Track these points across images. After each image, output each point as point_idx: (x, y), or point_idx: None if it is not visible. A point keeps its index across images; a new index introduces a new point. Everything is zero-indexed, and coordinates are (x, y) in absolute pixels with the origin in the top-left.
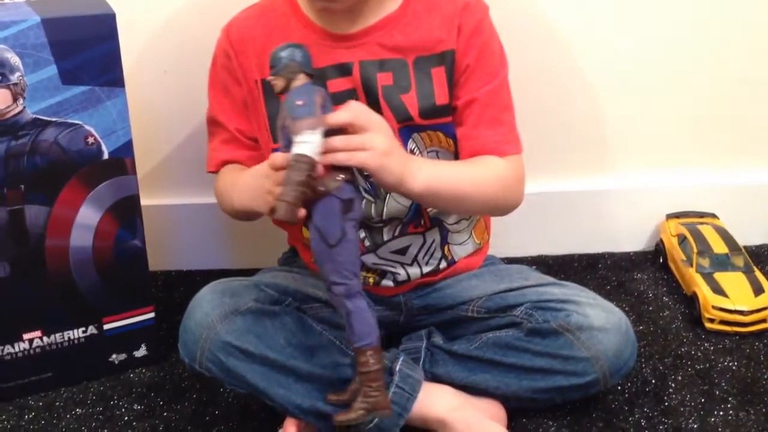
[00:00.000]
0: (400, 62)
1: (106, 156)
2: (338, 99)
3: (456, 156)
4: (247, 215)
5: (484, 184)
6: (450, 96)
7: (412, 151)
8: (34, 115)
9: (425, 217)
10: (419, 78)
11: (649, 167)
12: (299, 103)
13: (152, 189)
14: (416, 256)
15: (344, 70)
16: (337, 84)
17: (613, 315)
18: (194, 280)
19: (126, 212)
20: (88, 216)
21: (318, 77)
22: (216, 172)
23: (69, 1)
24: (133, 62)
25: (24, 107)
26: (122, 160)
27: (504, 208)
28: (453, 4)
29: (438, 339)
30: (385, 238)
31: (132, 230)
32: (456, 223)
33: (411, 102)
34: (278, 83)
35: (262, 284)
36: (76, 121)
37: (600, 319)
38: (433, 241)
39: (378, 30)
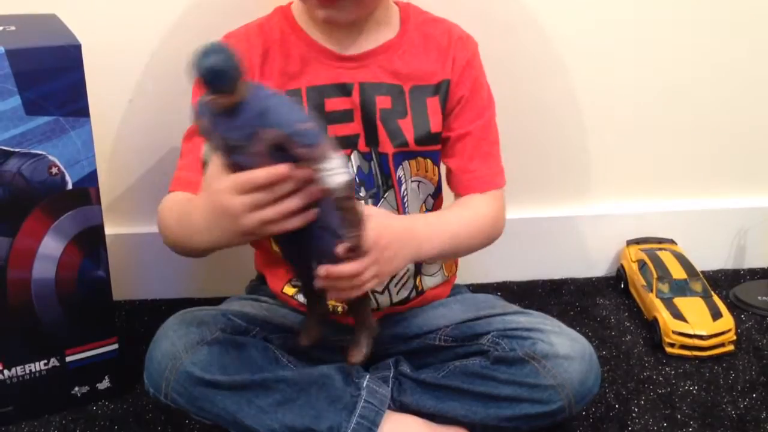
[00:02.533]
0: (398, 88)
1: (70, 186)
2: (337, 118)
3: (437, 186)
4: (204, 252)
5: (478, 229)
6: (443, 125)
7: (400, 178)
8: None
9: None
10: (415, 106)
11: (611, 194)
12: (308, 126)
13: (116, 217)
14: (389, 284)
15: (344, 90)
16: (337, 103)
17: (577, 343)
18: (159, 309)
19: (90, 243)
20: (51, 247)
21: (318, 95)
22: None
23: (34, 32)
24: (97, 91)
25: None
26: (86, 190)
27: (492, 241)
28: (447, 36)
29: (405, 368)
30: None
31: (96, 261)
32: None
33: (407, 127)
34: (225, 101)
35: (229, 313)
36: (40, 152)
37: (565, 347)
38: (407, 271)
39: (378, 54)
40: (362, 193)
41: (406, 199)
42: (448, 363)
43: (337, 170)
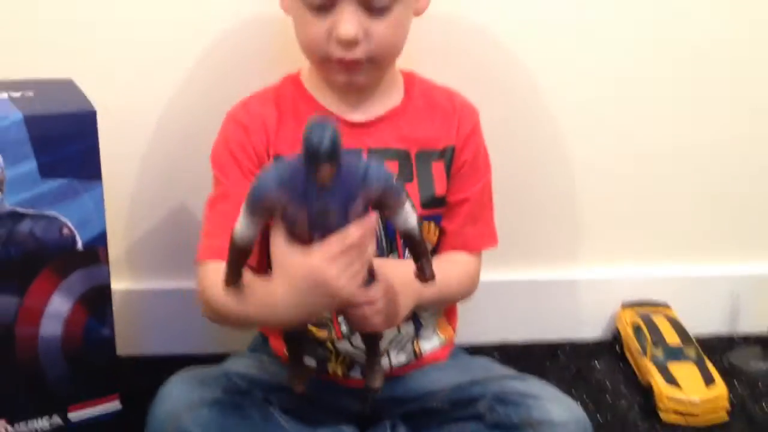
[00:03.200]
0: (404, 153)
1: (79, 246)
2: None
3: (435, 246)
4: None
5: (460, 286)
6: (447, 189)
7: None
8: (12, 207)
9: None
10: (421, 170)
11: (607, 257)
12: (394, 175)
13: (120, 273)
14: (388, 347)
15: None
16: None
17: (573, 411)
18: (161, 365)
19: (96, 301)
20: (58, 305)
21: None
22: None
23: (51, 98)
24: (108, 150)
25: (1, 199)
26: (95, 250)
27: (469, 296)
28: (450, 103)
29: (402, 431)
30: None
31: (102, 319)
32: (425, 318)
33: (413, 192)
34: (333, 171)
35: (231, 373)
36: (53, 213)
37: (561, 415)
38: (407, 334)
39: (385, 121)
40: None
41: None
42: (444, 427)
43: (412, 210)
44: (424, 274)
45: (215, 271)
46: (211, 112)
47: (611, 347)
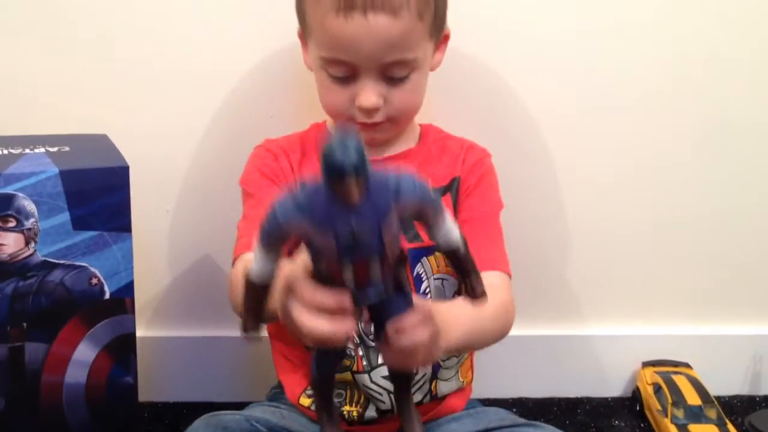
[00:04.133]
0: None
1: (107, 296)
2: None
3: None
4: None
5: (490, 321)
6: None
7: (419, 275)
8: (44, 258)
9: None
10: None
11: (628, 315)
12: (429, 186)
13: (143, 321)
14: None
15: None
16: None
17: None
18: (180, 412)
19: (121, 350)
20: (84, 353)
21: None
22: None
23: (86, 152)
24: (137, 201)
25: (35, 250)
26: (122, 300)
27: (504, 333)
28: (459, 144)
29: None
30: (381, 360)
31: (125, 367)
32: (447, 359)
33: (421, 226)
34: (363, 186)
35: (252, 419)
36: (83, 263)
37: None
38: (425, 375)
39: (398, 159)
40: None
41: (430, 297)
42: None
43: (453, 223)
44: (474, 292)
45: (243, 260)
46: (238, 166)
47: (631, 406)
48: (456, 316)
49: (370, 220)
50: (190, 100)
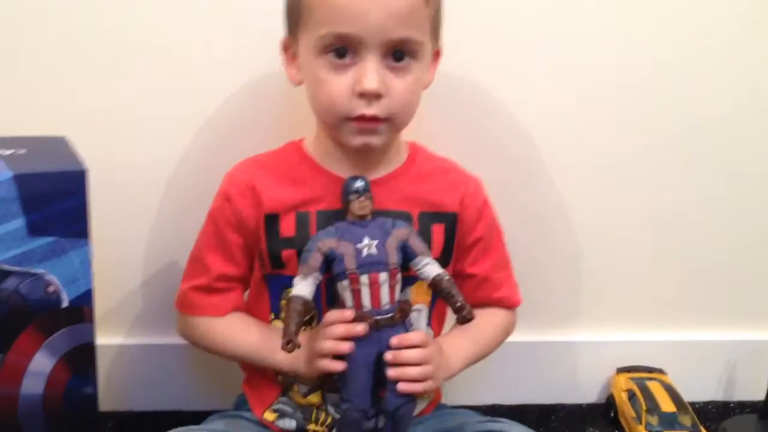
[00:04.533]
0: (406, 215)
1: (65, 304)
2: None
3: (429, 310)
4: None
5: (496, 340)
6: (443, 252)
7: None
8: None
9: None
10: (421, 231)
11: (602, 322)
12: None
13: (104, 329)
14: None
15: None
16: None
17: None
18: (145, 422)
19: (80, 359)
20: (41, 364)
21: (326, 219)
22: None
23: (43, 155)
24: (96, 206)
25: None
26: (81, 309)
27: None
28: (456, 173)
29: None
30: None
31: (84, 377)
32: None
33: None
34: (371, 204)
35: None
36: (39, 271)
37: None
38: None
39: (387, 182)
40: None
41: (412, 328)
42: None
43: (432, 261)
44: (461, 315)
45: (223, 321)
46: (202, 173)
47: (605, 412)
48: (457, 347)
49: (378, 233)
50: (155, 103)
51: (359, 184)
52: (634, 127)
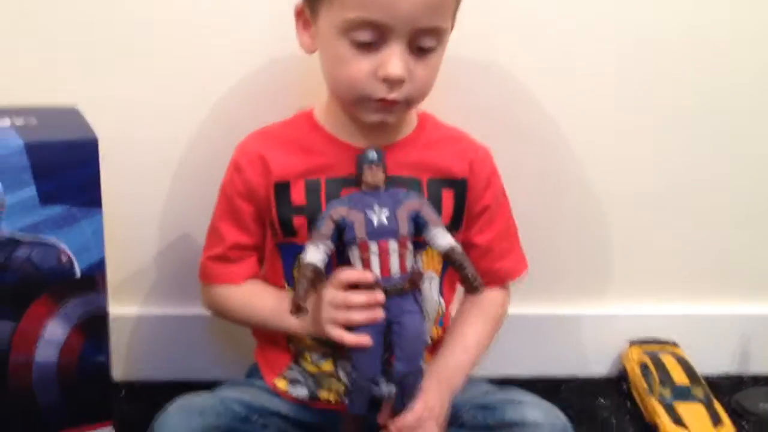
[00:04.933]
0: (415, 181)
1: (77, 274)
2: None
3: (440, 278)
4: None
5: (495, 326)
6: (452, 219)
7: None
8: (9, 234)
9: None
10: (431, 197)
11: (615, 294)
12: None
13: (118, 299)
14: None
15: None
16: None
17: (551, 413)
18: (158, 391)
19: (93, 328)
20: (54, 332)
21: (336, 186)
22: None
23: (54, 125)
24: (109, 177)
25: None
26: (93, 278)
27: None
28: (465, 141)
29: None
30: None
31: (98, 346)
32: None
33: None
34: (384, 174)
35: (228, 400)
36: (51, 240)
37: (535, 415)
38: None
39: (397, 149)
40: None
41: (421, 299)
42: None
43: (444, 232)
44: (471, 286)
45: (237, 289)
46: (214, 143)
47: (617, 385)
48: (455, 368)
49: (389, 203)
50: (168, 74)
51: (373, 155)
52: (652, 93)
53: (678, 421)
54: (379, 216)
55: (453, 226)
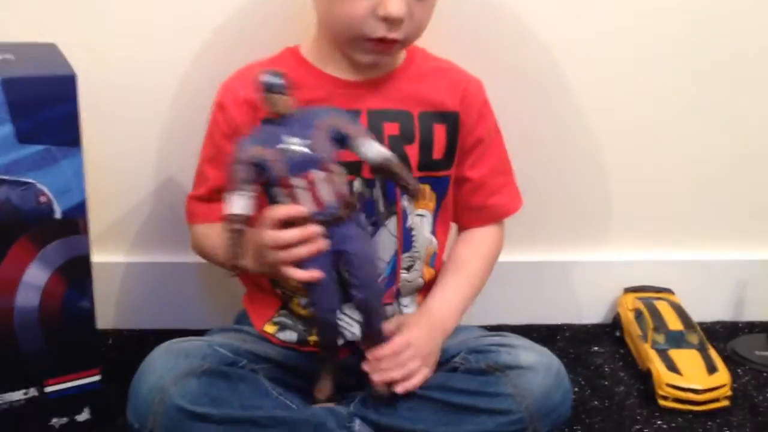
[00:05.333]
0: (406, 114)
1: (58, 215)
2: None
3: (434, 215)
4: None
5: (489, 264)
6: (446, 154)
7: (405, 211)
8: None
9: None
10: (423, 131)
11: (610, 242)
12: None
13: (105, 246)
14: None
15: (352, 117)
16: None
17: (544, 357)
18: (146, 339)
19: (76, 272)
20: (35, 276)
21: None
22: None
23: (31, 61)
24: (90, 119)
25: None
26: (75, 220)
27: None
28: (456, 72)
29: None
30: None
31: (81, 291)
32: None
33: (413, 154)
34: (291, 100)
35: (215, 344)
36: (30, 180)
37: (529, 359)
38: (393, 313)
39: (386, 81)
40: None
41: (414, 233)
42: None
43: (377, 142)
44: (409, 192)
45: (203, 228)
46: (198, 82)
47: (611, 332)
48: (449, 303)
49: (301, 129)
50: (151, 10)
51: (273, 79)
52: (652, 32)
53: (672, 367)
54: (294, 146)
55: (446, 162)
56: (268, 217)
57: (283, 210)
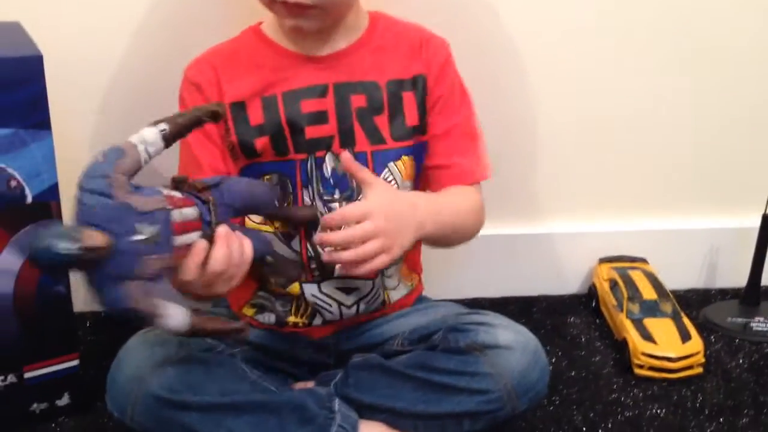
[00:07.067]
0: (373, 85)
1: (29, 200)
2: (313, 120)
3: (416, 183)
4: None
5: (468, 215)
6: (420, 119)
7: (387, 182)
8: None
9: None
10: (391, 101)
11: (584, 212)
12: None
13: None
14: (359, 300)
15: (319, 91)
16: (312, 105)
17: (522, 336)
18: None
19: None
20: (8, 261)
21: (294, 98)
22: None
23: None
24: (60, 102)
25: None
26: (47, 204)
27: (475, 234)
28: (418, 35)
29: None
30: (336, 273)
31: (56, 276)
32: (389, 269)
33: (383, 124)
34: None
35: None
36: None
37: (507, 338)
38: (376, 286)
39: (350, 53)
40: (336, 195)
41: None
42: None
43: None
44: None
45: None
46: (168, 62)
47: (587, 303)
48: (435, 208)
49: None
50: None
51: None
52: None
53: (647, 336)
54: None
55: (420, 129)
56: (189, 269)
57: (190, 263)
